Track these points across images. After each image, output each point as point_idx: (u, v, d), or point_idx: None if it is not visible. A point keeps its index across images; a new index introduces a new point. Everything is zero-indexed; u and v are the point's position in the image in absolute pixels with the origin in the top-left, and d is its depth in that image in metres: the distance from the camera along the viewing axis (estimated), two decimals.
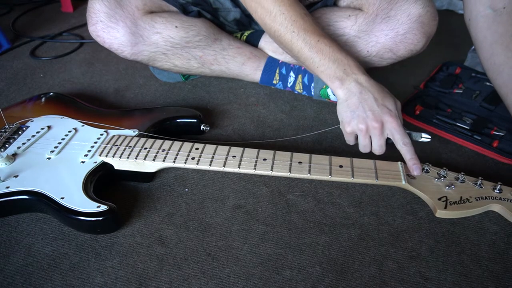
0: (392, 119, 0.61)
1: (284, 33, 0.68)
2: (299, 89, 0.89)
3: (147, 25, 0.80)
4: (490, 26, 0.67)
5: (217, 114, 0.86)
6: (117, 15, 0.78)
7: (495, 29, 0.66)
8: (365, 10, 0.78)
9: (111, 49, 0.82)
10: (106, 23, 0.78)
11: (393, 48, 0.76)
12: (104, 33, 0.79)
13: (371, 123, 0.62)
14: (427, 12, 0.73)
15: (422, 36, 0.74)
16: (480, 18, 0.68)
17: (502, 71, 0.66)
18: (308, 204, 0.63)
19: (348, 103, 0.64)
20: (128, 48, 0.81)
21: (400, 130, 0.61)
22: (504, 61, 0.65)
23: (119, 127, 0.71)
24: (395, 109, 0.62)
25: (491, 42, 0.67)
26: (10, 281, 0.52)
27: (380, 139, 0.62)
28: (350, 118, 0.64)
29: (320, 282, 0.52)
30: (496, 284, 0.51)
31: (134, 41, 0.80)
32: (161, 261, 0.54)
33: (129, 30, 0.79)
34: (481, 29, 0.69)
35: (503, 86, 0.66)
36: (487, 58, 0.69)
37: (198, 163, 0.63)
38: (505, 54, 0.65)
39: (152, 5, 0.81)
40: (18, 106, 0.80)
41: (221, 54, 0.86)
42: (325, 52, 0.66)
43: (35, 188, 0.58)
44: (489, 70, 0.69)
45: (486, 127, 0.78)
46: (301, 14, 0.67)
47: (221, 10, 0.86)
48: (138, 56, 0.83)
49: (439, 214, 0.59)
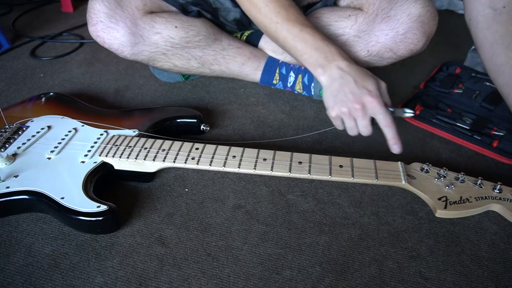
0: (372, 99, 0.62)
1: (269, 24, 0.70)
2: (299, 89, 0.89)
3: (147, 25, 0.80)
4: (490, 26, 0.67)
5: (217, 114, 0.86)
6: (117, 16, 0.78)
7: (496, 29, 0.66)
8: (365, 10, 0.78)
9: (111, 49, 0.82)
10: (106, 23, 0.78)
11: (393, 48, 0.76)
12: (104, 34, 0.79)
13: (352, 105, 0.63)
14: (427, 12, 0.73)
15: (422, 35, 0.74)
16: (480, 18, 0.68)
17: (503, 72, 0.65)
18: (308, 204, 0.63)
19: (331, 89, 0.65)
20: (128, 48, 0.81)
21: (380, 109, 0.61)
22: (505, 61, 0.65)
23: (119, 127, 0.71)
24: (376, 89, 0.62)
25: (491, 43, 0.67)
26: (10, 281, 0.52)
27: (363, 119, 0.63)
28: (333, 103, 0.65)
29: (320, 282, 0.52)
30: (496, 284, 0.51)
31: (134, 41, 0.80)
32: (161, 261, 0.54)
33: (129, 31, 0.79)
34: (481, 29, 0.68)
35: (505, 86, 0.66)
36: (488, 59, 0.68)
37: (198, 163, 0.63)
38: (506, 55, 0.65)
39: (152, 5, 0.81)
40: (18, 106, 0.80)
41: (221, 54, 0.86)
42: (308, 40, 0.67)
43: (35, 188, 0.58)
44: (491, 71, 0.69)
45: (486, 127, 0.78)
46: (285, 5, 0.69)
47: (221, 10, 0.86)
48: (138, 56, 0.83)
49: (439, 214, 0.59)
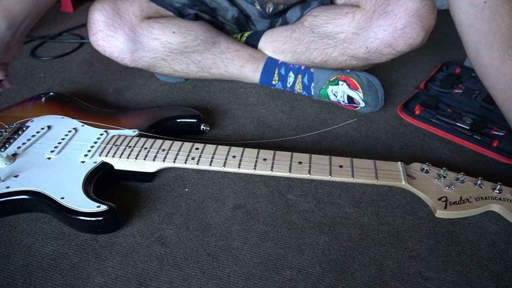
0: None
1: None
2: (299, 89, 0.89)
3: (145, 31, 0.80)
4: (472, 24, 0.64)
5: (217, 114, 0.86)
6: (115, 23, 0.78)
7: (478, 27, 0.64)
8: (362, 7, 0.78)
9: (112, 57, 0.83)
10: (105, 32, 0.79)
11: (392, 43, 0.76)
12: (104, 42, 0.80)
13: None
14: (425, 6, 0.72)
15: (421, 30, 0.73)
16: (462, 15, 0.66)
17: (489, 73, 0.64)
18: (308, 204, 0.63)
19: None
20: (128, 55, 0.81)
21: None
22: (489, 62, 0.63)
23: (119, 127, 0.71)
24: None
25: (475, 42, 0.65)
26: (10, 280, 0.52)
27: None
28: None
29: (320, 282, 0.52)
30: (496, 284, 0.51)
31: (134, 47, 0.80)
32: (161, 261, 0.54)
33: (128, 37, 0.79)
34: (464, 27, 0.66)
35: (492, 88, 0.65)
36: (473, 58, 0.67)
37: (198, 163, 0.63)
38: (489, 55, 0.63)
39: (149, 10, 0.82)
40: (18, 106, 0.80)
41: (220, 57, 0.86)
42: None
43: (35, 188, 0.58)
44: (477, 71, 0.68)
45: (486, 127, 0.78)
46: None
47: (219, 9, 0.87)
48: (138, 63, 0.84)
49: (439, 214, 0.59)
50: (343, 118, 0.84)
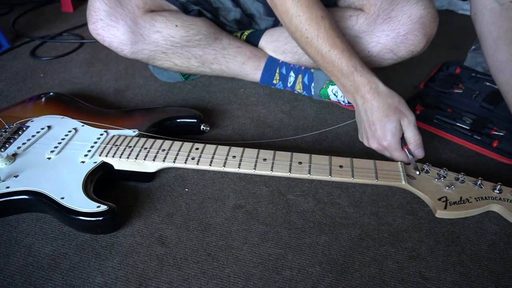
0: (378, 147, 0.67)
1: (299, 37, 0.70)
2: (299, 89, 0.89)
3: (147, 23, 0.80)
4: (495, 21, 0.66)
5: (217, 114, 0.86)
6: (117, 14, 0.78)
7: (500, 24, 0.65)
8: (366, 11, 0.78)
9: (111, 47, 0.81)
10: (106, 21, 0.78)
11: (394, 49, 0.76)
12: (104, 32, 0.79)
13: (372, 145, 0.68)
14: (428, 14, 0.73)
15: (423, 37, 0.74)
16: (486, 12, 0.67)
17: (505, 69, 0.65)
18: (308, 204, 0.63)
19: (357, 117, 0.71)
20: (128, 47, 0.81)
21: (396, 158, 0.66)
22: (507, 58, 0.64)
23: (119, 127, 0.71)
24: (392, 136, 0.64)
25: (495, 38, 0.66)
26: (10, 281, 0.52)
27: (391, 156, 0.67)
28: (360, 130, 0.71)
29: (320, 282, 0.52)
30: (496, 284, 0.51)
31: (134, 39, 0.80)
32: (161, 261, 0.54)
33: (129, 29, 0.79)
34: (487, 23, 0.67)
35: (505, 84, 0.66)
36: (490, 54, 0.68)
37: (198, 163, 0.63)
38: (508, 51, 0.64)
39: (152, 4, 0.81)
40: (18, 106, 0.80)
41: (221, 53, 0.86)
42: (335, 64, 0.67)
43: (35, 188, 0.58)
44: (492, 67, 0.68)
45: (486, 127, 0.78)
46: (317, 18, 0.67)
47: (222, 9, 0.86)
48: (138, 55, 0.83)
49: (439, 214, 0.59)
50: (343, 118, 0.84)
